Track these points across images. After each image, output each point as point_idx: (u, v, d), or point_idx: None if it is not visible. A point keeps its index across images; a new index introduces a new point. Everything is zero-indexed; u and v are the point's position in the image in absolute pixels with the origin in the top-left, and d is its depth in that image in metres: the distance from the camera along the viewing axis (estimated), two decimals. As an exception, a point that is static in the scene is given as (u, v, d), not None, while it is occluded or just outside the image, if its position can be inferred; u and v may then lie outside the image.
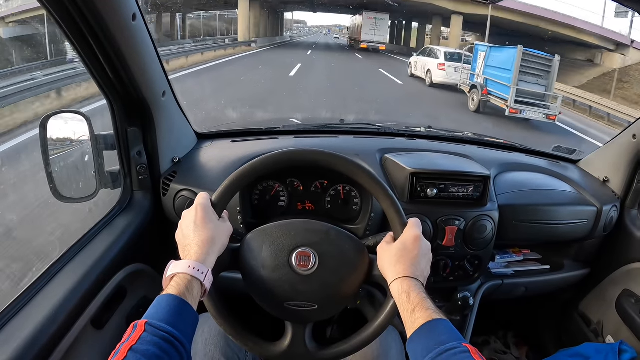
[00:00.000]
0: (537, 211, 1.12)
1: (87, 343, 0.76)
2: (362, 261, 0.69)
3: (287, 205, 1.04)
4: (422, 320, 0.57)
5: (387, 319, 0.67)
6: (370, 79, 11.02)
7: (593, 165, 1.32)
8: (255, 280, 0.68)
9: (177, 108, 1.05)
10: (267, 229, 0.70)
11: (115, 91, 0.86)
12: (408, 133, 1.32)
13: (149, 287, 0.97)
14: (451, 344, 0.53)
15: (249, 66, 12.06)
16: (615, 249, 1.25)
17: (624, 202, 1.23)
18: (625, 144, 1.18)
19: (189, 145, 1.12)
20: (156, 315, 0.52)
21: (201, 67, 10.29)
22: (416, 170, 1.00)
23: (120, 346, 0.48)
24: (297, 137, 1.24)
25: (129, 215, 0.96)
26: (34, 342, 0.64)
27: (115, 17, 0.71)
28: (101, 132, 0.93)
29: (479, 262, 1.09)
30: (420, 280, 0.63)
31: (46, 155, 0.86)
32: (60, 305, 0.71)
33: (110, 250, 0.86)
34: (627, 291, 1.19)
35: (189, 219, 0.65)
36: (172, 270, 0.59)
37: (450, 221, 1.01)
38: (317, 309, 0.68)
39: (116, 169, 0.97)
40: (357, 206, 1.03)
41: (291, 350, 0.70)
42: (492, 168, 1.14)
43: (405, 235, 0.67)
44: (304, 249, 0.67)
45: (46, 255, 0.86)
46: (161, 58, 0.91)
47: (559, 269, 1.25)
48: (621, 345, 1.10)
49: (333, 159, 0.70)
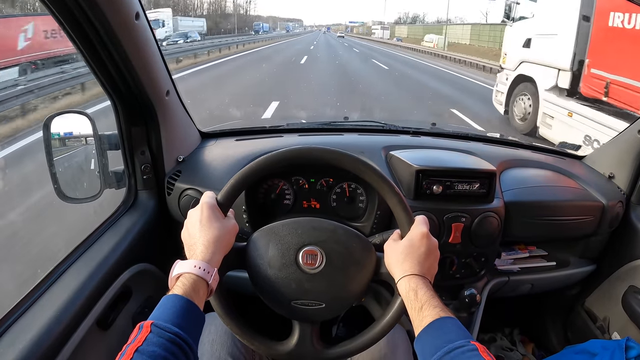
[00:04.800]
0: (543, 207, 1.11)
1: (93, 343, 0.76)
2: (369, 259, 0.69)
3: (292, 203, 1.04)
4: (430, 318, 0.56)
5: (395, 317, 0.67)
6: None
7: (598, 161, 1.31)
8: (261, 279, 0.67)
9: (181, 107, 1.04)
10: (274, 227, 0.69)
11: (119, 91, 0.86)
12: (413, 130, 1.31)
13: (154, 287, 0.97)
14: (459, 342, 0.52)
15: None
16: (621, 245, 1.24)
17: (629, 198, 1.23)
18: (631, 140, 1.18)
19: (193, 144, 1.12)
20: (162, 316, 0.52)
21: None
22: (422, 167, 1.00)
23: (127, 347, 0.48)
24: (301, 135, 1.24)
25: (133, 214, 0.96)
26: (40, 343, 0.64)
27: (118, 16, 0.70)
28: (105, 132, 0.93)
29: (485, 259, 1.08)
30: (428, 278, 0.63)
31: (50, 156, 0.86)
32: (65, 305, 0.71)
33: (115, 250, 0.86)
34: (633, 287, 1.18)
35: (194, 218, 0.65)
36: (178, 270, 0.59)
37: (456, 218, 1.01)
38: (324, 307, 0.68)
39: (120, 168, 0.97)
40: (363, 204, 1.02)
41: (298, 350, 0.69)
42: (498, 164, 1.14)
43: (412, 233, 0.67)
44: (311, 247, 0.67)
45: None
46: (164, 57, 0.90)
47: (564, 266, 1.24)
48: (628, 342, 1.09)
49: (339, 157, 0.69)
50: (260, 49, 22.39)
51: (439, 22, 46.54)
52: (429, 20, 53.85)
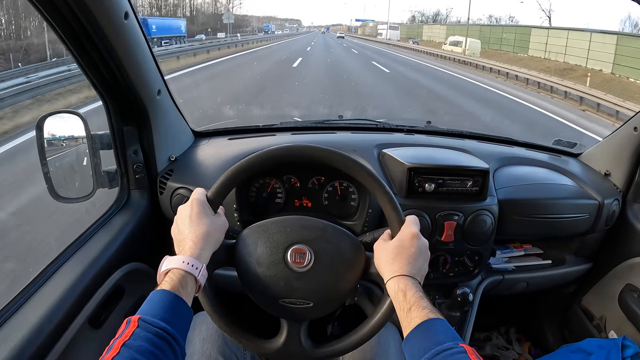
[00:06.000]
0: (538, 205, 1.11)
1: (85, 342, 0.76)
2: (358, 259, 0.69)
3: (284, 201, 1.04)
4: (418, 320, 0.56)
5: (384, 318, 0.67)
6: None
7: (594, 158, 1.31)
8: (250, 276, 0.67)
9: (173, 106, 1.04)
10: (263, 225, 0.69)
11: (110, 90, 0.86)
12: (407, 128, 1.31)
13: (146, 285, 0.97)
14: (448, 344, 0.52)
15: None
16: (617, 243, 1.24)
17: (625, 195, 1.22)
18: (627, 137, 1.17)
19: (185, 144, 1.12)
20: (150, 311, 0.52)
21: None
22: (414, 165, 0.99)
23: (114, 342, 0.48)
24: (294, 133, 1.24)
25: (126, 214, 0.97)
26: (31, 342, 0.65)
27: (107, 16, 0.70)
28: (97, 132, 0.93)
29: (479, 257, 1.08)
30: (417, 279, 0.63)
31: (43, 156, 0.87)
32: (57, 304, 0.71)
33: (107, 249, 0.86)
34: (629, 285, 1.18)
35: (184, 214, 0.65)
36: (167, 265, 0.59)
37: (449, 216, 1.01)
38: (312, 306, 0.68)
39: (113, 168, 0.97)
40: (355, 202, 1.02)
41: (286, 348, 0.70)
42: (492, 162, 1.13)
43: (402, 233, 0.67)
44: (300, 245, 0.67)
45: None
46: (155, 56, 0.91)
47: (560, 264, 1.24)
48: (624, 341, 1.09)
49: (329, 155, 0.69)
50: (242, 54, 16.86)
51: (475, 22, 34.19)
52: (453, 19, 44.15)
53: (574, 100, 9.56)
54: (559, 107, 8.95)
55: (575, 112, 8.48)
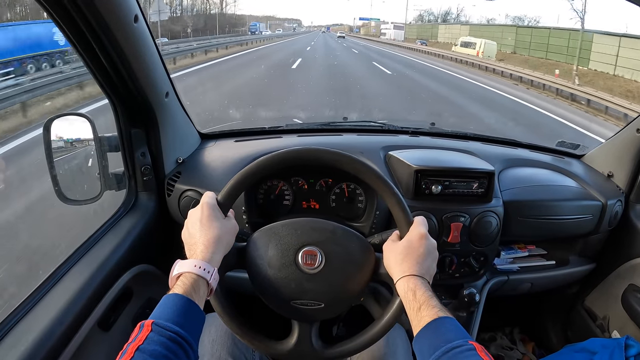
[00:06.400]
0: (542, 207, 1.12)
1: (94, 345, 0.76)
2: (368, 260, 0.69)
3: (291, 204, 1.04)
4: (428, 319, 0.57)
5: (393, 318, 0.67)
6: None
7: (597, 160, 1.32)
8: (261, 279, 0.68)
9: (180, 108, 1.05)
10: (273, 227, 0.70)
11: (118, 93, 0.86)
12: (411, 130, 1.32)
13: (155, 288, 0.98)
14: (457, 342, 0.52)
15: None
16: (620, 243, 1.24)
17: (628, 196, 1.23)
18: (629, 139, 1.18)
19: (192, 146, 1.12)
20: (163, 315, 0.52)
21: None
22: (420, 167, 1.00)
23: (128, 346, 0.48)
24: (300, 135, 1.24)
25: (134, 216, 0.97)
26: (42, 345, 0.65)
27: (117, 19, 0.70)
28: (105, 134, 0.93)
29: (485, 258, 1.09)
30: (426, 279, 0.63)
31: (50, 158, 0.87)
32: (67, 307, 0.71)
33: (115, 252, 0.86)
34: (632, 286, 1.18)
35: (195, 217, 0.65)
36: (178, 269, 0.59)
37: (455, 218, 1.01)
38: (323, 307, 0.68)
39: (120, 170, 0.97)
40: (362, 204, 1.03)
41: (297, 349, 0.70)
42: (496, 164, 1.14)
43: (411, 234, 0.67)
44: (310, 247, 0.67)
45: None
46: (163, 59, 0.91)
47: (564, 265, 1.25)
48: (627, 340, 1.09)
49: (338, 158, 0.69)
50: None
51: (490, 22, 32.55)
52: (462, 19, 41.60)
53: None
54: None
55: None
